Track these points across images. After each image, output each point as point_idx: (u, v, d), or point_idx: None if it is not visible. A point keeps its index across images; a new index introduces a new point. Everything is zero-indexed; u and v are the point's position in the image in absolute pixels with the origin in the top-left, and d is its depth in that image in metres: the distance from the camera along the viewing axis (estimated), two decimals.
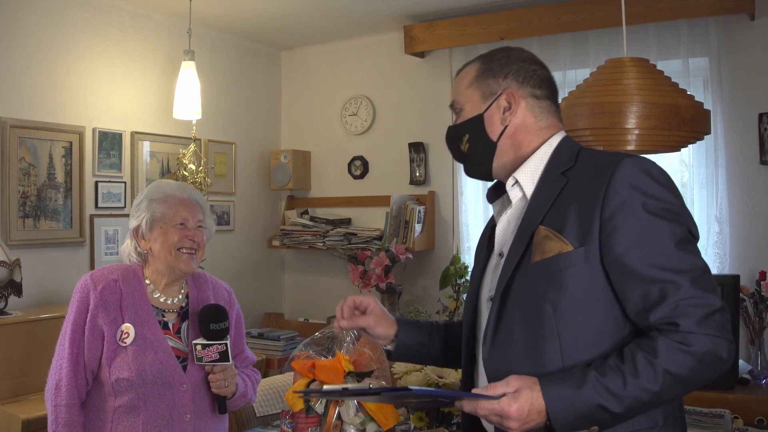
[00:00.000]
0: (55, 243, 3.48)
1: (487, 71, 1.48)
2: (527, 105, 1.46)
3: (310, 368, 1.97)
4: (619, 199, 1.28)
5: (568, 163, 1.40)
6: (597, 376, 1.22)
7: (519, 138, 1.46)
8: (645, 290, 1.25)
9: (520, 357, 1.34)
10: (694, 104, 2.33)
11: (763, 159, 3.37)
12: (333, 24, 4.29)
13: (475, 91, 1.49)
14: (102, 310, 1.90)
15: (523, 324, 1.34)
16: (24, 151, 3.34)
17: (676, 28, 3.52)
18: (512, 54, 1.50)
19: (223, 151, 4.45)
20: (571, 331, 1.30)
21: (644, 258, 1.25)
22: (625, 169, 1.30)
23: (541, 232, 1.35)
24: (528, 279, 1.35)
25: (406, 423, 2.13)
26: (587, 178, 1.35)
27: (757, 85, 3.40)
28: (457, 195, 4.16)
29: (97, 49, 3.69)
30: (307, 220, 4.53)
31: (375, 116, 4.54)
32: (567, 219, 1.32)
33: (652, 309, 1.24)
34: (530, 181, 1.43)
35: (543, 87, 1.48)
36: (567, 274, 1.30)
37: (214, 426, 2.03)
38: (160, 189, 2.03)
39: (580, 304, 1.30)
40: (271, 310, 4.75)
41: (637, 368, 1.21)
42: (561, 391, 1.23)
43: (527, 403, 1.22)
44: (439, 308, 3.97)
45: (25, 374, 2.91)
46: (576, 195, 1.34)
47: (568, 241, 1.31)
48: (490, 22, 3.87)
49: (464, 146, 1.51)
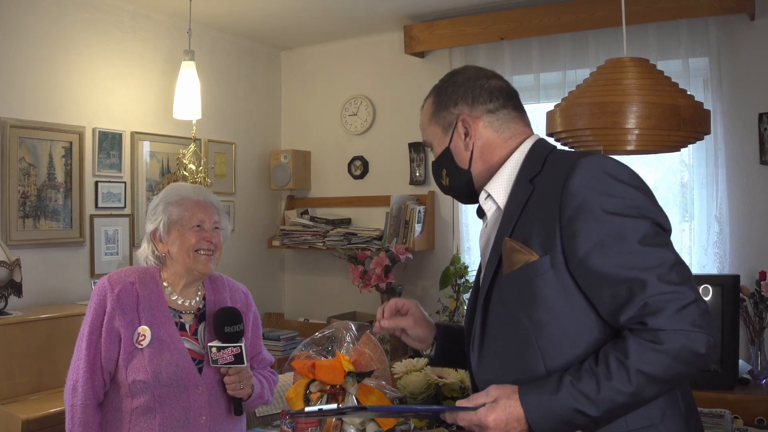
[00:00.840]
0: (55, 243, 3.48)
1: (440, 104, 1.52)
2: (484, 123, 1.47)
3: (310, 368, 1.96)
4: (575, 202, 1.27)
5: (535, 170, 1.40)
6: (572, 380, 1.23)
7: (487, 156, 1.48)
8: (613, 291, 1.24)
9: (506, 366, 1.35)
10: (694, 104, 2.32)
11: (763, 159, 3.37)
12: (333, 24, 4.29)
13: (436, 127, 1.53)
14: (119, 312, 1.92)
15: (504, 335, 1.36)
16: (24, 151, 3.34)
17: (676, 28, 3.52)
18: (458, 78, 1.52)
19: (223, 151, 4.44)
20: (548, 340, 1.30)
21: (608, 259, 1.24)
22: (580, 170, 1.29)
23: (507, 244, 1.36)
24: (503, 291, 1.37)
25: (406, 423, 2.13)
26: (549, 183, 1.34)
27: (757, 85, 3.40)
28: None
29: (97, 49, 3.69)
30: (307, 220, 4.53)
31: (375, 116, 4.54)
32: (532, 228, 1.33)
33: (622, 309, 1.23)
34: (503, 193, 1.44)
35: (494, 99, 1.48)
36: (537, 283, 1.30)
37: (231, 428, 2.04)
38: (176, 192, 2.06)
39: (554, 312, 1.30)
40: (271, 310, 4.75)
41: (610, 370, 1.21)
42: (538, 397, 1.24)
43: (504, 413, 1.24)
44: (439, 308, 3.97)
45: (25, 374, 2.91)
46: (539, 202, 1.34)
47: (533, 251, 1.31)
48: (490, 22, 3.87)
49: (445, 181, 1.55)
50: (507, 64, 3.95)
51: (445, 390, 2.26)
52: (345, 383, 1.92)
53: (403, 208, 4.16)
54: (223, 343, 1.95)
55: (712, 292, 2.95)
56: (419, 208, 4.14)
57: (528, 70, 3.89)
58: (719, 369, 2.90)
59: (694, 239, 3.53)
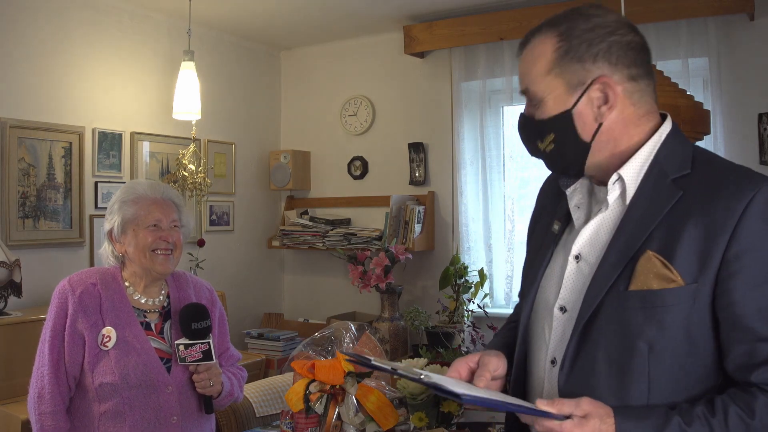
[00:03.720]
0: (54, 243, 3.48)
1: (570, 52, 1.19)
2: (624, 92, 1.19)
3: (310, 368, 1.97)
4: (752, 239, 1.09)
5: (682, 170, 1.17)
6: (681, 422, 1.08)
7: (617, 133, 1.21)
8: (753, 347, 1.09)
9: (602, 390, 1.16)
10: (693, 104, 2.33)
11: (763, 159, 3.37)
12: (333, 24, 4.29)
13: (557, 80, 1.20)
14: (81, 314, 1.87)
15: (610, 356, 1.16)
16: (24, 151, 3.34)
17: (675, 28, 3.52)
18: (597, 23, 1.19)
19: (222, 152, 4.44)
20: (663, 375, 1.13)
21: (762, 310, 1.09)
22: (765, 199, 1.10)
23: (649, 258, 1.13)
24: (622, 308, 1.15)
25: (406, 423, 2.13)
26: (711, 197, 1.12)
27: (756, 85, 3.40)
28: (456, 195, 4.16)
29: (96, 49, 3.69)
30: (307, 220, 4.53)
31: (375, 116, 4.54)
32: (680, 246, 1.12)
33: (758, 367, 1.09)
34: (633, 183, 1.20)
35: (639, 63, 1.19)
36: (671, 312, 1.12)
37: (202, 426, 2.01)
38: (132, 190, 2.01)
39: (679, 348, 1.12)
40: (271, 310, 4.75)
41: (728, 424, 1.07)
42: (637, 428, 1.09)
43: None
44: (438, 308, 3.97)
45: (25, 374, 2.88)
46: (694, 217, 1.12)
47: (679, 274, 1.11)
48: (489, 22, 3.87)
49: (547, 146, 1.24)
50: (507, 64, 3.95)
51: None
52: (345, 383, 1.93)
53: (402, 209, 4.16)
54: (190, 340, 1.93)
55: None
56: (419, 209, 4.14)
57: None
58: None
59: None
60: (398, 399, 2.09)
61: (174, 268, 2.01)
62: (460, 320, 3.89)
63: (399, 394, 2.13)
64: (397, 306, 4.02)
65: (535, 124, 1.24)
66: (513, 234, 3.98)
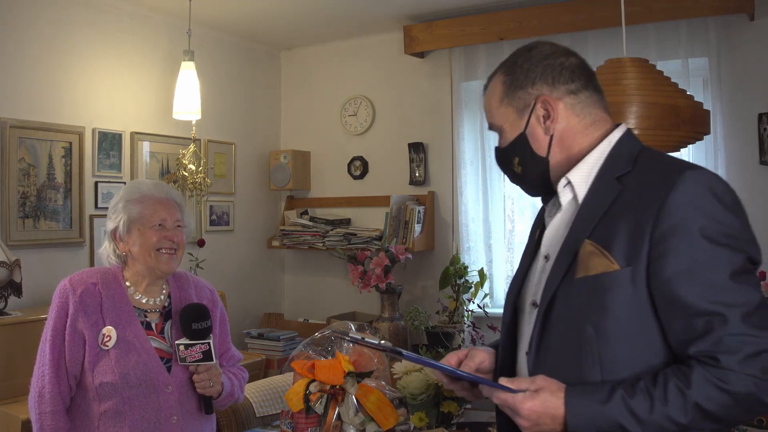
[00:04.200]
0: (54, 243, 3.48)
1: (514, 82, 1.37)
2: (566, 105, 1.35)
3: (310, 368, 1.97)
4: (674, 219, 1.18)
5: (625, 168, 1.29)
6: (624, 395, 1.17)
7: (567, 143, 1.35)
8: (690, 321, 1.17)
9: (562, 371, 1.27)
10: (693, 104, 2.33)
11: (762, 159, 3.37)
12: (333, 24, 4.29)
13: (508, 108, 1.38)
14: (82, 314, 1.87)
15: (565, 342, 1.28)
16: (24, 151, 3.34)
17: (675, 28, 3.52)
18: (534, 54, 1.38)
19: (222, 152, 4.45)
20: (611, 354, 1.23)
21: (693, 288, 1.17)
22: (686, 184, 1.19)
23: (587, 247, 1.26)
24: (571, 294, 1.27)
25: (406, 423, 2.13)
26: (644, 188, 1.24)
27: (756, 85, 3.40)
28: (456, 195, 4.16)
29: (96, 49, 3.69)
30: (307, 220, 4.53)
31: (375, 116, 4.54)
32: (616, 234, 1.23)
33: (694, 341, 1.17)
34: (583, 184, 1.33)
35: (576, 78, 1.36)
36: (610, 295, 1.22)
37: (202, 427, 2.01)
38: (136, 189, 2.01)
39: (623, 328, 1.22)
40: (271, 310, 4.75)
41: (668, 396, 1.15)
42: (584, 402, 1.19)
43: (542, 406, 1.20)
44: (438, 308, 3.97)
45: (25, 374, 2.87)
46: (629, 207, 1.24)
47: (615, 260, 1.22)
48: (489, 22, 3.87)
49: (517, 169, 1.41)
50: None
51: (445, 390, 2.26)
52: (345, 383, 1.93)
53: (402, 209, 4.16)
54: (190, 340, 1.92)
55: None
56: (419, 209, 4.14)
57: None
58: None
59: None
60: (398, 399, 2.09)
61: (177, 267, 2.02)
62: (460, 320, 3.89)
63: (399, 394, 2.13)
64: (397, 306, 4.02)
65: (503, 152, 1.43)
66: (513, 234, 3.98)
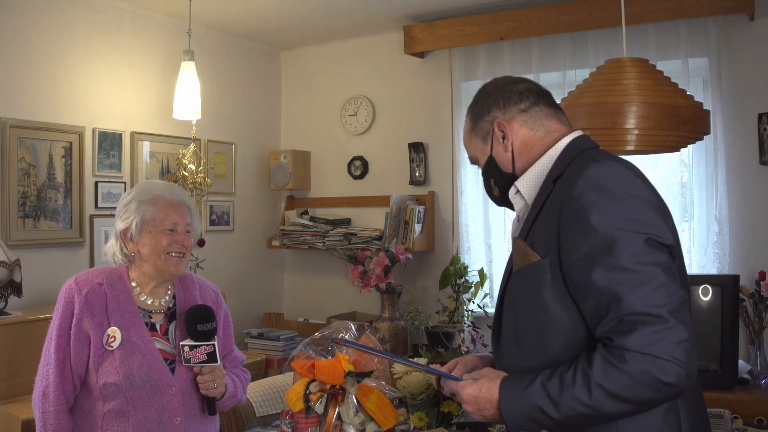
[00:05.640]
0: (55, 243, 3.48)
1: (475, 117, 1.54)
2: (519, 123, 1.48)
3: (310, 368, 1.96)
4: (573, 209, 1.28)
5: (560, 170, 1.40)
6: (543, 379, 1.26)
7: (525, 156, 1.48)
8: (595, 303, 1.25)
9: (510, 357, 1.42)
10: (693, 104, 2.33)
11: (762, 159, 3.37)
12: (333, 24, 4.29)
13: (476, 139, 1.54)
14: (87, 314, 1.88)
15: (511, 329, 1.41)
16: (24, 151, 3.34)
17: (675, 28, 3.52)
18: (488, 88, 1.55)
19: (222, 152, 4.45)
20: (543, 340, 1.33)
21: (592, 272, 1.24)
22: (583, 177, 1.29)
23: (516, 244, 1.40)
24: (512, 288, 1.42)
25: (406, 423, 2.13)
26: (564, 184, 1.34)
27: (756, 85, 3.40)
28: (456, 195, 4.16)
29: (96, 49, 3.69)
30: (307, 220, 4.53)
31: (375, 116, 4.54)
32: (540, 228, 1.35)
33: (599, 322, 1.24)
34: (532, 189, 1.45)
35: (524, 98, 1.49)
36: (536, 284, 1.33)
37: (204, 428, 2.01)
38: (149, 190, 2.01)
39: (550, 314, 1.31)
40: (271, 310, 4.75)
41: (575, 378, 1.23)
42: (513, 387, 1.30)
43: (479, 391, 1.33)
44: (438, 308, 3.97)
45: (25, 374, 2.91)
46: (553, 203, 1.34)
47: (536, 252, 1.34)
48: (489, 22, 3.87)
49: (495, 191, 1.56)
50: (507, 65, 3.95)
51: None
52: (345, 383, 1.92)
53: (402, 208, 4.16)
54: (195, 341, 1.93)
55: (712, 292, 2.95)
56: (419, 208, 4.14)
57: (528, 70, 3.89)
58: (719, 369, 2.90)
59: (693, 239, 3.54)
60: (398, 399, 2.09)
61: (185, 270, 2.03)
62: (460, 320, 3.89)
63: (399, 394, 2.13)
64: (397, 306, 4.02)
65: (483, 178, 1.58)
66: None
